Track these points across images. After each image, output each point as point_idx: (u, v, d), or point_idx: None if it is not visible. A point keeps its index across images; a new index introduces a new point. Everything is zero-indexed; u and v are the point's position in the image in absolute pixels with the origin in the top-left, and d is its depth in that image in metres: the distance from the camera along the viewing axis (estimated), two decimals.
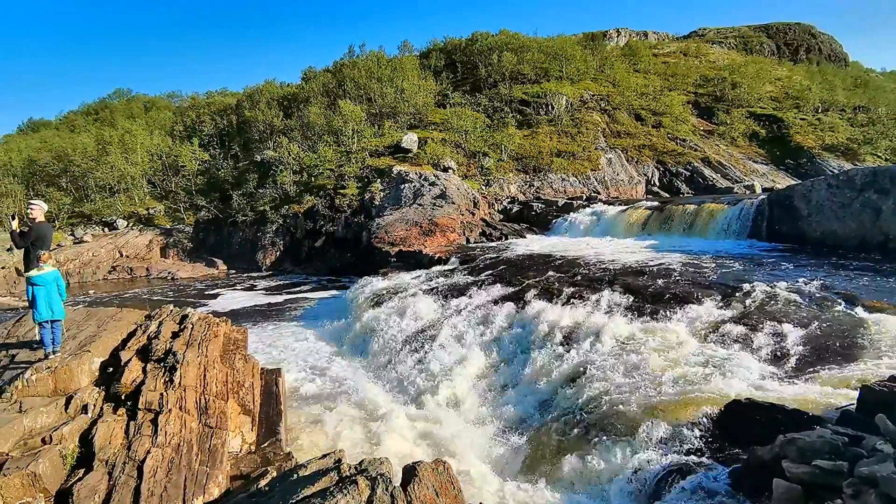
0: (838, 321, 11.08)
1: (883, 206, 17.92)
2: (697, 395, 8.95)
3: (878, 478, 5.06)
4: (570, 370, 11.41)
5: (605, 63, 56.67)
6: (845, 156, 43.02)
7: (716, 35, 72.87)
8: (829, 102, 51.27)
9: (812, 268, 15.80)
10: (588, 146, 42.05)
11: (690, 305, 12.92)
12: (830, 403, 7.88)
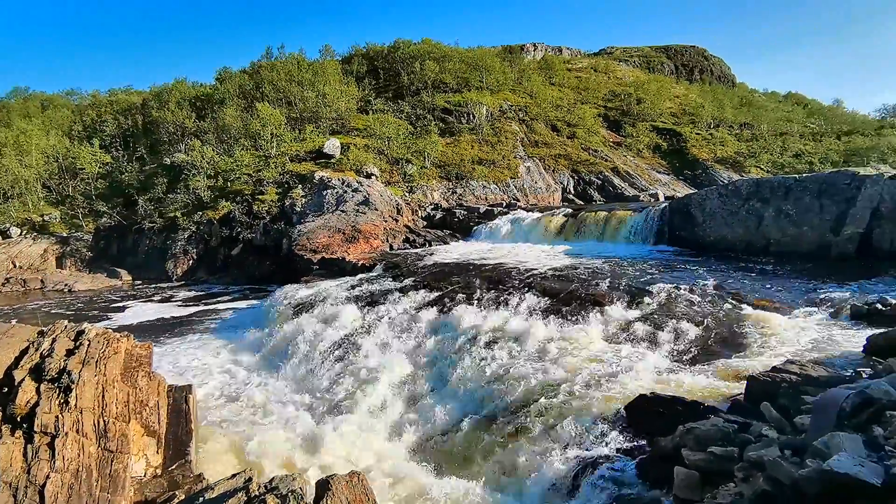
0: (729, 318, 12.22)
1: (765, 213, 19.99)
2: (609, 392, 9.52)
3: (765, 462, 5.64)
4: (493, 373, 11.72)
5: (523, 75, 58.83)
6: (734, 167, 47.46)
7: (622, 53, 77.86)
8: (720, 119, 56.32)
9: (707, 270, 17.27)
10: (507, 155, 43.41)
11: (603, 307, 13.72)
12: (724, 393, 8.62)
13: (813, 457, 5.40)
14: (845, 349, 9.44)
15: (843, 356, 9.03)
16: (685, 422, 6.86)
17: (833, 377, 7.45)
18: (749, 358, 10.25)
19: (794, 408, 6.89)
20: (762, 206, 20.17)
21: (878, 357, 8.24)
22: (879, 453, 5.37)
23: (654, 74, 68.36)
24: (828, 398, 6.15)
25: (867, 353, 8.72)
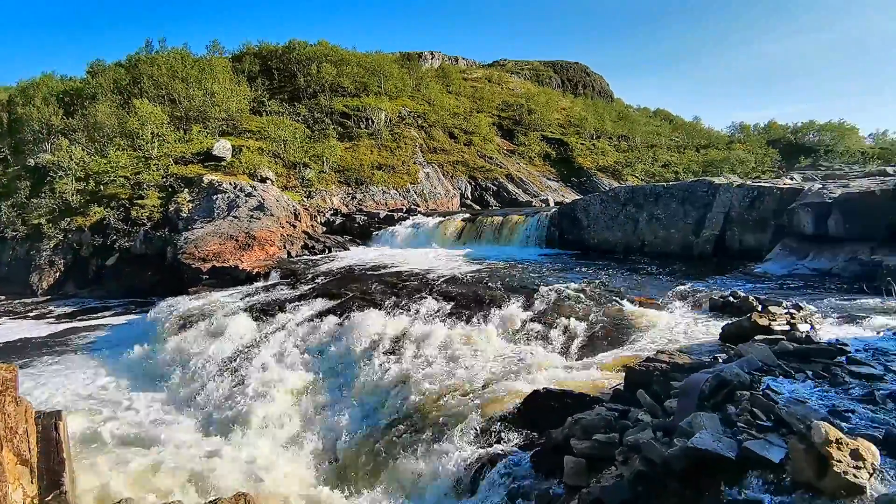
0: (612, 314, 13.28)
1: (639, 217, 22.03)
2: (507, 390, 9.95)
3: (641, 444, 6.24)
4: (395, 379, 11.76)
5: (421, 83, 59.63)
6: (614, 175, 51.63)
7: (514, 66, 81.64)
8: (601, 131, 60.98)
9: (592, 270, 18.64)
10: (407, 160, 43.72)
11: (500, 308, 14.32)
12: (608, 384, 9.35)
13: (679, 436, 6.07)
14: (705, 338, 10.66)
15: (704, 344, 10.21)
16: (574, 413, 7.38)
17: (695, 363, 8.39)
18: (629, 350, 11.19)
19: (665, 393, 7.68)
20: (637, 211, 22.19)
21: (731, 343, 9.42)
22: (733, 429, 6.15)
23: (543, 87, 72.44)
24: (690, 383, 6.94)
25: (722, 340, 9.94)
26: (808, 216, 16.32)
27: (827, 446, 5.06)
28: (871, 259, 14.20)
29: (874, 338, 8.83)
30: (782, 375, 7.41)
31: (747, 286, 14.57)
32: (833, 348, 8.14)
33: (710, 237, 19.72)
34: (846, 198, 15.67)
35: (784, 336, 9.13)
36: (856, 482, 4.85)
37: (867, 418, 5.97)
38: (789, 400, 6.49)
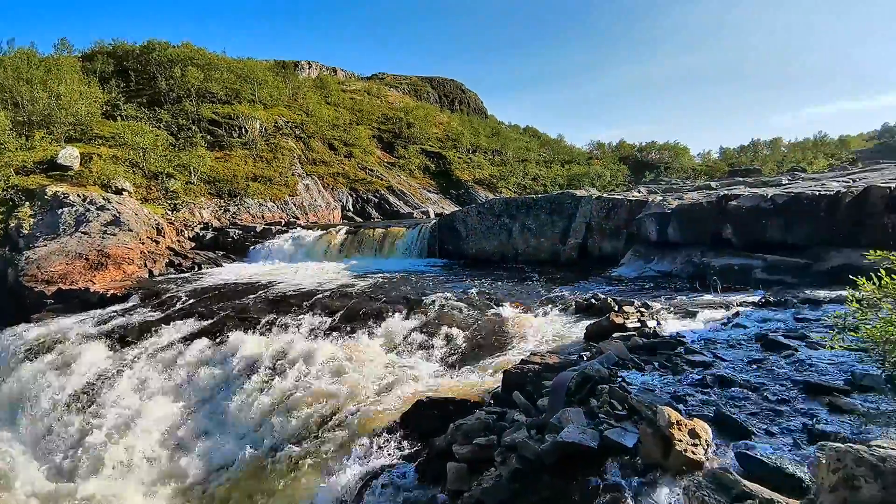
0: (491, 321, 13.92)
1: (513, 227, 23.40)
2: (392, 401, 9.99)
3: (517, 443, 6.63)
4: (275, 400, 11.25)
5: (299, 92, 57.92)
6: (489, 188, 54.22)
7: (393, 80, 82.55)
8: (477, 145, 63.80)
9: (472, 279, 19.38)
10: (285, 172, 42.12)
11: (384, 321, 14.34)
12: (488, 388, 9.77)
13: (550, 432, 6.55)
14: (573, 338, 11.58)
15: (572, 344, 11.09)
16: (456, 420, 7.63)
17: (564, 362, 9.10)
18: (506, 354, 11.79)
19: (538, 392, 8.22)
20: (511, 222, 23.54)
21: (594, 342, 10.35)
22: (595, 420, 6.78)
23: (422, 102, 74.10)
24: (558, 381, 7.53)
25: (587, 339, 10.88)
26: (653, 225, 18.52)
27: (670, 428, 5.78)
28: (702, 261, 16.49)
29: (705, 329, 10.24)
30: (635, 368, 8.31)
31: (607, 289, 16.10)
32: (674, 341, 9.31)
33: (574, 245, 21.49)
34: (681, 209, 18.04)
35: (636, 332, 10.24)
36: (694, 458, 5.59)
37: (700, 400, 6.90)
38: (640, 389, 7.31)
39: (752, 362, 7.89)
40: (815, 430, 5.73)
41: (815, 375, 7.02)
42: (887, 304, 5.87)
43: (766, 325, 9.90)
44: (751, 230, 16.29)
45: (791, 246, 15.46)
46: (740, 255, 16.11)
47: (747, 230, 16.36)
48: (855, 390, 6.46)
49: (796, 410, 6.26)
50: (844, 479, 2.39)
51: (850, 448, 2.50)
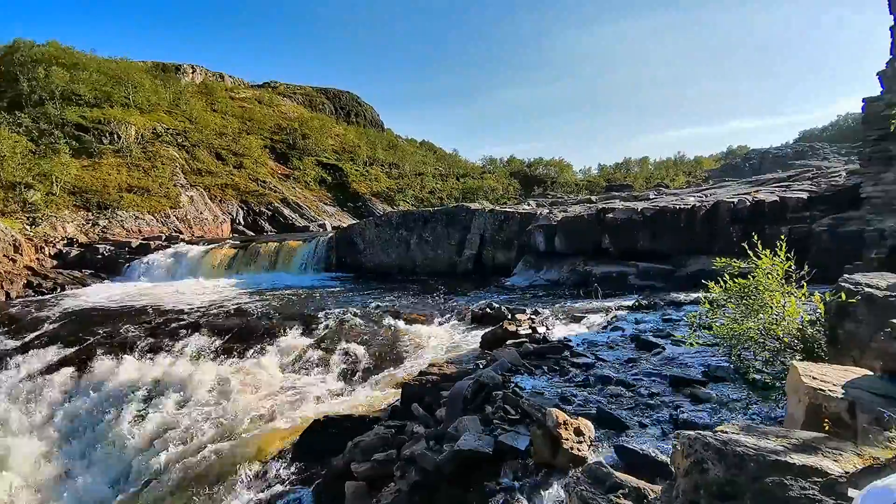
0: (390, 334, 13.90)
1: (411, 240, 23.64)
2: (287, 423, 9.61)
3: (416, 456, 6.69)
4: (155, 431, 10.35)
5: (181, 98, 54.14)
6: (387, 201, 54.25)
7: (286, 89, 79.98)
8: (374, 158, 63.63)
9: (370, 292, 19.25)
10: (166, 182, 39.01)
11: (278, 338, 13.79)
12: (386, 403, 9.75)
13: (448, 441, 6.69)
14: (470, 347, 11.92)
15: (469, 353, 11.41)
16: (355, 437, 7.52)
17: (461, 371, 9.34)
18: (406, 366, 11.85)
19: (436, 403, 8.36)
20: (409, 234, 23.77)
21: (489, 349, 10.74)
22: (491, 426, 7.04)
23: (317, 113, 72.52)
24: (455, 390, 7.72)
25: (482, 347, 11.25)
26: (541, 236, 19.68)
27: (558, 428, 6.16)
28: (585, 269, 17.80)
29: (588, 333, 11.06)
30: (526, 373, 8.75)
31: (501, 297, 16.78)
32: (561, 345, 9.93)
33: (470, 256, 22.17)
34: (566, 221, 19.38)
35: (527, 339, 10.79)
36: (579, 454, 6.01)
37: (585, 399, 7.43)
38: (531, 393, 7.71)
39: (628, 361, 8.65)
40: (680, 419, 6.41)
41: (679, 370, 7.86)
42: (732, 304, 6.74)
43: (640, 326, 10.91)
44: (625, 240, 17.91)
45: (659, 254, 17.22)
46: (618, 263, 17.62)
47: (622, 240, 17.96)
48: (710, 381, 7.33)
49: (664, 403, 6.96)
50: (695, 463, 2.73)
51: (699, 435, 2.87)
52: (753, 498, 2.31)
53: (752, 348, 6.64)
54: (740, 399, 6.58)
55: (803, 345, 6.01)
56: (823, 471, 2.41)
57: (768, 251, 6.59)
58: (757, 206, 16.28)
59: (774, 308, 6.23)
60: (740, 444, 2.70)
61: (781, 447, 2.73)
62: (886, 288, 5.52)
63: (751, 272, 6.75)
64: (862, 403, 4.22)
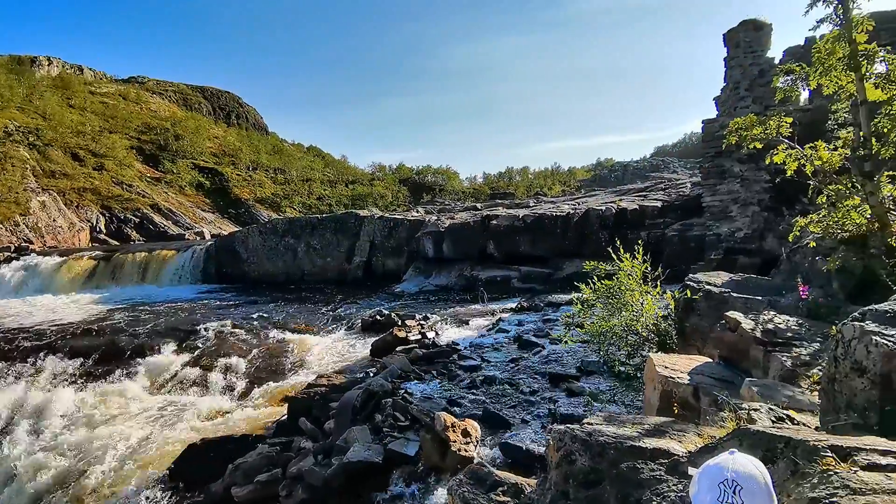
0: (276, 347, 13.30)
1: (298, 248, 22.85)
2: (161, 449, 8.82)
3: (303, 472, 6.46)
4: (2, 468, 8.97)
5: (34, 92, 47.73)
6: (272, 207, 51.88)
7: (157, 86, 73.47)
8: (257, 163, 60.56)
9: (254, 304, 18.28)
10: (15, 186, 34.04)
11: (149, 358, 12.65)
12: (273, 419, 9.32)
13: (337, 454, 6.57)
14: (360, 356, 11.79)
15: (359, 362, 11.28)
16: (237, 458, 7.10)
17: (350, 381, 9.21)
18: (293, 379, 11.40)
19: (325, 415, 8.16)
20: (296, 242, 22.96)
21: (379, 357, 10.72)
22: (380, 435, 7.03)
23: (192, 112, 67.44)
24: (344, 400, 7.61)
25: (372, 355, 11.20)
26: (430, 242, 20.05)
27: (446, 431, 6.32)
28: (472, 274, 18.45)
29: (475, 336, 11.46)
30: (416, 378, 8.86)
31: (391, 304, 16.80)
32: (450, 349, 10.20)
33: (360, 263, 21.94)
34: (453, 227, 19.92)
35: (417, 344, 10.94)
36: (467, 455, 6.20)
37: (472, 401, 7.69)
38: (421, 398, 7.83)
39: (512, 361, 9.11)
40: (558, 413, 6.88)
41: (557, 367, 8.43)
42: (600, 304, 7.38)
43: (522, 327, 11.53)
44: (508, 245, 18.84)
45: (538, 258, 18.35)
46: (502, 267, 18.48)
47: (506, 245, 18.87)
48: (584, 375, 7.95)
49: (544, 398, 7.43)
50: (565, 455, 2.95)
51: (567, 429, 3.11)
52: (611, 482, 2.55)
53: (617, 343, 7.31)
54: (608, 390, 7.22)
55: (658, 338, 6.75)
56: (670, 452, 2.72)
57: (628, 255, 7.32)
58: (621, 213, 17.97)
59: (634, 306, 6.93)
60: (603, 434, 2.96)
61: (636, 433, 3.04)
62: (721, 285, 6.38)
63: (615, 274, 7.46)
64: (704, 388, 4.83)
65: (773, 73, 6.72)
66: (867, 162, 5.00)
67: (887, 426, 2.24)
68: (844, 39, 5.06)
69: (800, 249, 6.22)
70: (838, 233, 5.30)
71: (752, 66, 13.39)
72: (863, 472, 1.82)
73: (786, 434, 2.16)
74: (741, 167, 13.52)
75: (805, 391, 3.96)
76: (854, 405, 2.48)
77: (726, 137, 6.27)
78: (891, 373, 2.27)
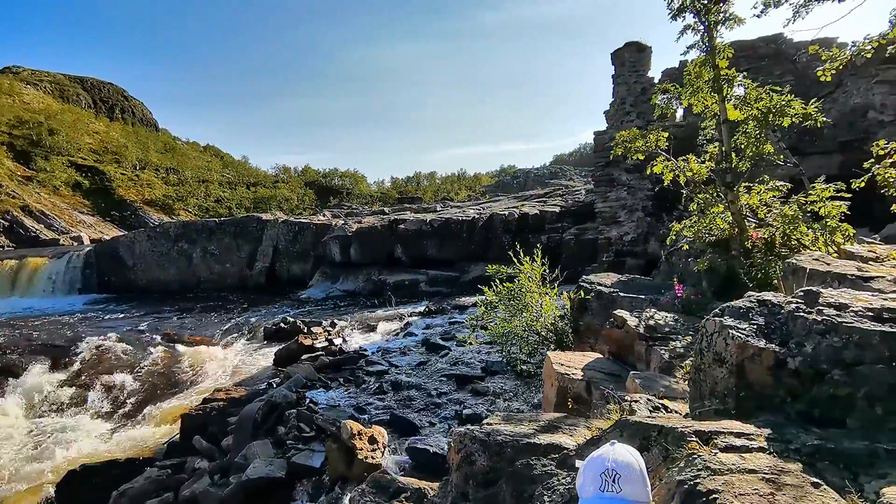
0: (166, 360, 12.38)
1: (193, 253, 21.41)
2: (31, 478, 7.91)
3: (197, 495, 6.07)
4: None
5: None
6: (164, 210, 48.12)
7: (31, 76, 65.29)
8: (146, 161, 55.88)
9: (142, 315, 16.89)
10: None
11: (20, 377, 11.36)
12: (164, 440, 8.67)
13: (236, 472, 6.24)
14: (262, 366, 11.29)
15: (261, 372, 10.80)
16: (123, 485, 6.53)
17: (251, 393, 8.80)
18: (187, 395, 10.70)
19: (223, 432, 7.72)
20: (191, 247, 21.49)
21: (283, 367, 10.33)
22: (284, 448, 6.77)
23: (70, 105, 60.81)
24: (244, 414, 7.25)
25: (276, 365, 10.77)
26: (337, 247, 19.68)
27: (352, 439, 6.23)
28: (380, 278, 18.37)
29: (383, 341, 11.42)
30: (322, 387, 8.65)
31: (297, 311, 16.25)
32: (357, 355, 10.07)
33: (262, 269, 21.00)
34: (360, 231, 19.70)
35: (324, 352, 10.68)
36: (374, 462, 6.15)
37: (379, 407, 7.65)
38: (326, 407, 7.65)
39: (419, 364, 9.18)
40: (463, 414, 7.03)
41: (463, 368, 8.62)
42: (502, 306, 7.65)
43: (429, 330, 11.66)
44: (416, 249, 18.99)
45: (446, 261, 18.68)
46: (410, 271, 18.58)
47: (414, 249, 19.00)
48: (488, 376, 8.20)
49: (451, 400, 7.56)
50: (465, 457, 3.02)
51: (467, 430, 3.19)
52: (507, 480, 2.66)
53: (518, 343, 7.63)
54: (511, 389, 7.50)
55: (556, 337, 7.13)
56: (561, 446, 2.88)
57: (528, 258, 7.66)
58: (523, 218, 18.77)
59: (534, 307, 7.26)
60: (500, 434, 3.07)
61: (532, 430, 3.19)
62: (611, 285, 6.87)
63: (517, 276, 7.78)
64: (595, 382, 5.17)
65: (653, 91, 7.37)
66: (728, 174, 5.63)
67: (741, 410, 2.52)
68: (709, 64, 5.67)
69: (676, 252, 6.87)
70: (707, 237, 5.92)
71: (635, 83, 14.58)
72: (721, 454, 2.03)
73: (658, 423, 2.38)
74: (628, 176, 14.65)
75: (679, 381, 4.37)
76: (716, 392, 2.76)
77: (614, 149, 6.77)
78: (744, 362, 2.56)
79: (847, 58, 4.89)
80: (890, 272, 3.29)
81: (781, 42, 13.57)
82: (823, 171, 7.11)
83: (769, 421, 2.26)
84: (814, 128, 5.54)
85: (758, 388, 2.45)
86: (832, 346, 2.30)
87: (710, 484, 1.80)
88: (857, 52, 4.91)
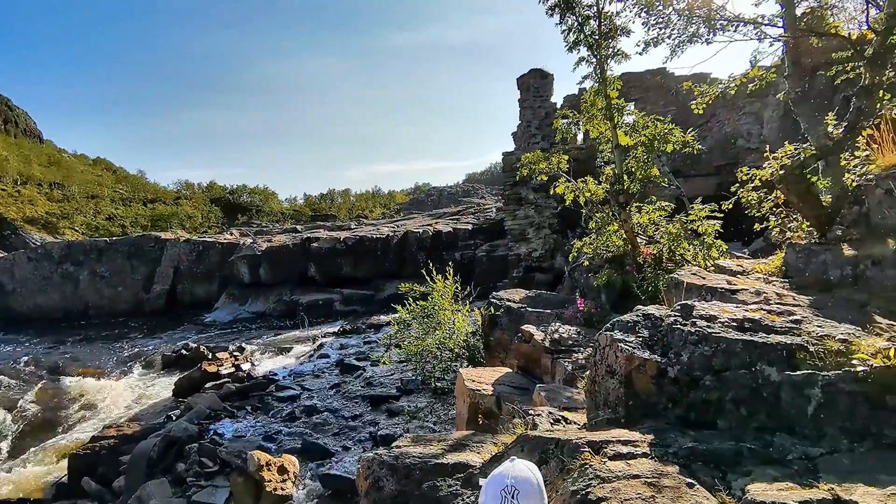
0: (49, 394, 11.15)
1: (80, 276, 19.51)
2: None
3: None
4: None
5: None
6: (47, 229, 43.51)
7: None
8: (28, 176, 50.44)
9: (22, 345, 15.21)
10: None
11: None
12: (49, 481, 7.80)
13: None
14: (160, 397, 10.47)
15: (159, 404, 10.00)
16: None
17: (147, 429, 8.14)
18: (75, 432, 9.71)
19: (114, 472, 7.07)
20: (77, 270, 19.59)
21: (184, 397, 9.64)
22: (184, 486, 6.31)
23: None
24: (138, 452, 6.68)
25: (176, 395, 10.03)
26: (245, 266, 18.80)
27: (260, 472, 5.94)
28: (292, 299, 17.75)
29: (295, 364, 11.02)
30: (227, 417, 8.19)
31: (201, 336, 15.29)
32: (266, 380, 9.64)
33: (161, 292, 19.56)
34: (271, 250, 18.97)
35: (230, 378, 10.11)
36: (284, 493, 5.90)
37: (290, 434, 7.36)
38: (232, 439, 7.24)
39: (333, 387, 8.96)
40: (378, 436, 6.94)
41: (378, 388, 8.53)
42: (416, 324, 7.69)
43: (344, 351, 11.43)
44: (330, 268, 18.60)
45: (360, 280, 18.45)
46: (324, 290, 18.12)
47: (328, 268, 18.60)
48: (403, 395, 8.16)
49: (365, 422, 7.44)
50: (373, 482, 3.00)
51: (375, 455, 3.16)
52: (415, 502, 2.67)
53: (432, 361, 7.68)
54: (427, 406, 7.52)
55: (468, 353, 7.26)
56: (468, 465, 2.94)
57: (441, 276, 7.78)
58: (437, 235, 19.03)
59: (447, 324, 7.37)
60: (409, 456, 3.08)
61: (441, 450, 3.23)
62: (519, 301, 7.13)
63: (430, 294, 7.85)
64: (504, 396, 5.32)
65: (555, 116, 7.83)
66: (621, 195, 6.10)
67: (630, 418, 2.71)
68: (602, 94, 6.14)
69: (577, 267, 7.28)
70: (604, 253, 6.34)
71: (539, 108, 15.37)
72: (610, 462, 2.17)
73: (555, 436, 2.50)
74: (535, 195, 15.34)
75: (581, 391, 4.62)
76: (609, 402, 2.95)
77: (520, 169, 7.10)
78: (632, 372, 2.77)
79: (716, 93, 5.50)
80: (752, 284, 3.70)
81: (665, 75, 14.97)
82: (703, 193, 7.90)
83: (652, 427, 2.45)
84: (693, 153, 6.16)
85: (644, 396, 2.64)
86: (703, 354, 2.54)
87: (599, 492, 1.93)
88: (724, 88, 5.55)
